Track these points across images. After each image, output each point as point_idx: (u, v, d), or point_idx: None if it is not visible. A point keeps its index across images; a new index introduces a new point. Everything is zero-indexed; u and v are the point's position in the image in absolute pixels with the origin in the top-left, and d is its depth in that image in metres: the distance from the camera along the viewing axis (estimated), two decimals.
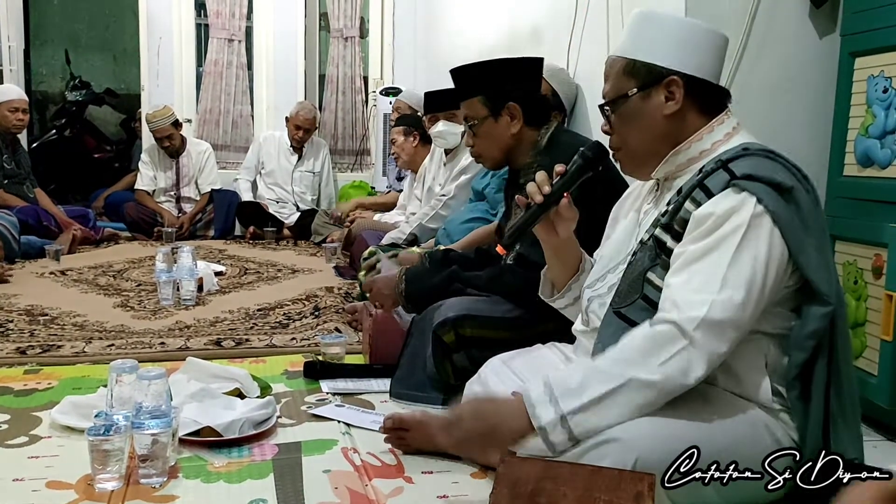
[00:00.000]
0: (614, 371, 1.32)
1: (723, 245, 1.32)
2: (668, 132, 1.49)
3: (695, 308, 1.30)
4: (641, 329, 1.36)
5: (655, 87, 1.47)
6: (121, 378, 1.69)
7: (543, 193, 1.51)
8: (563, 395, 1.31)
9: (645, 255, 1.46)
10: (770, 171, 1.36)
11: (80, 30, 8.51)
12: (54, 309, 3.24)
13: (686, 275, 1.34)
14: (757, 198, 1.33)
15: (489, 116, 2.18)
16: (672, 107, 1.47)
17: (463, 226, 3.19)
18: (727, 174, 1.37)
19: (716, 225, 1.34)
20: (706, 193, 1.38)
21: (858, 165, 2.14)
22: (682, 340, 1.30)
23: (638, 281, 1.44)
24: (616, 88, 1.52)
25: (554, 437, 1.31)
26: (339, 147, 6.55)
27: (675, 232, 1.41)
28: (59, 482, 1.63)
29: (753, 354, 1.41)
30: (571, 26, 3.11)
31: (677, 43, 1.48)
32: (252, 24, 6.41)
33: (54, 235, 4.79)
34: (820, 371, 1.37)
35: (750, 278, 1.31)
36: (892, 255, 1.94)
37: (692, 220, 1.38)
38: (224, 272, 4.10)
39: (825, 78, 2.32)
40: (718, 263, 1.32)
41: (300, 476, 1.67)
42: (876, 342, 1.98)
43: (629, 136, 1.52)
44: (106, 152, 7.68)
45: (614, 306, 1.47)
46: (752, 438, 1.36)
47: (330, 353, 2.52)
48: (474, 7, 4.59)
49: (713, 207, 1.35)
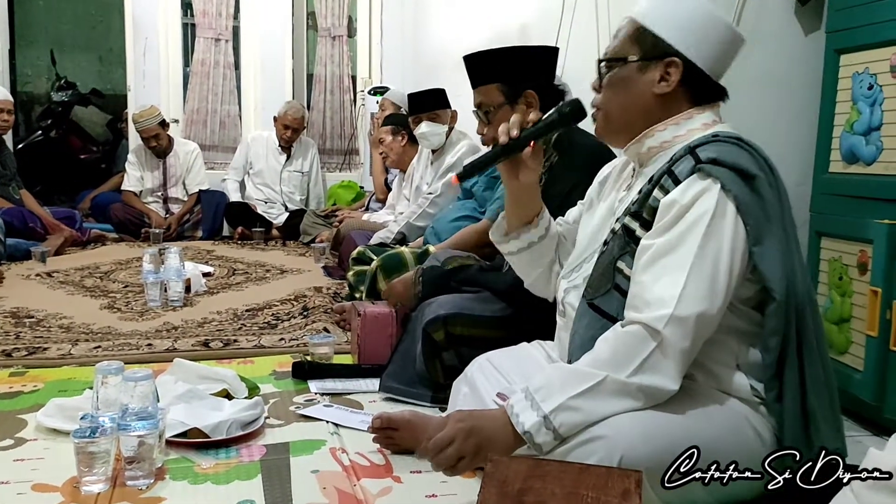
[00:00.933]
0: (590, 371, 1.33)
1: (688, 238, 1.33)
2: (651, 110, 1.47)
3: (663, 306, 1.30)
4: (612, 333, 1.37)
5: (655, 62, 1.45)
6: (106, 380, 1.68)
7: (511, 136, 1.52)
8: (543, 398, 1.33)
9: (615, 243, 1.46)
10: (735, 156, 1.36)
11: (65, 30, 8.46)
12: (40, 311, 3.22)
13: (653, 271, 1.34)
14: (721, 183, 1.33)
15: (505, 103, 2.17)
16: (664, 87, 1.45)
17: (451, 224, 3.19)
18: (693, 160, 1.37)
19: (680, 214, 1.34)
20: (673, 181, 1.38)
21: (844, 162, 2.16)
22: (651, 342, 1.31)
23: (609, 270, 1.44)
24: (618, 50, 1.50)
25: (539, 439, 1.32)
26: (327, 147, 6.54)
27: (644, 220, 1.41)
28: (45, 485, 1.62)
29: (724, 354, 1.41)
30: (559, 26, 3.12)
31: (692, 27, 1.45)
32: (239, 24, 6.39)
33: (40, 237, 4.76)
34: (791, 368, 1.36)
35: (714, 271, 1.32)
36: (876, 251, 1.95)
37: (660, 209, 1.38)
38: (212, 273, 4.09)
39: (811, 75, 2.33)
40: (684, 257, 1.32)
41: (288, 477, 1.67)
42: (861, 338, 2.00)
43: (613, 101, 1.51)
44: (92, 153, 7.63)
45: (587, 297, 1.47)
46: (734, 431, 1.36)
47: (318, 353, 2.51)
48: (462, 6, 4.59)
49: (678, 195, 1.35)
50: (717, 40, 1.46)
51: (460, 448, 1.36)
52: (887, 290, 1.91)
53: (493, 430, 1.36)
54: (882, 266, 1.92)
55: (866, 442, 1.94)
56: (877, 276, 1.94)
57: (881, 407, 1.94)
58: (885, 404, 1.93)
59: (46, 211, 5.10)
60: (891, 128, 1.99)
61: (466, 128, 3.65)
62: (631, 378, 1.31)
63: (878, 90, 2.03)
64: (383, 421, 1.79)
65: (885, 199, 1.98)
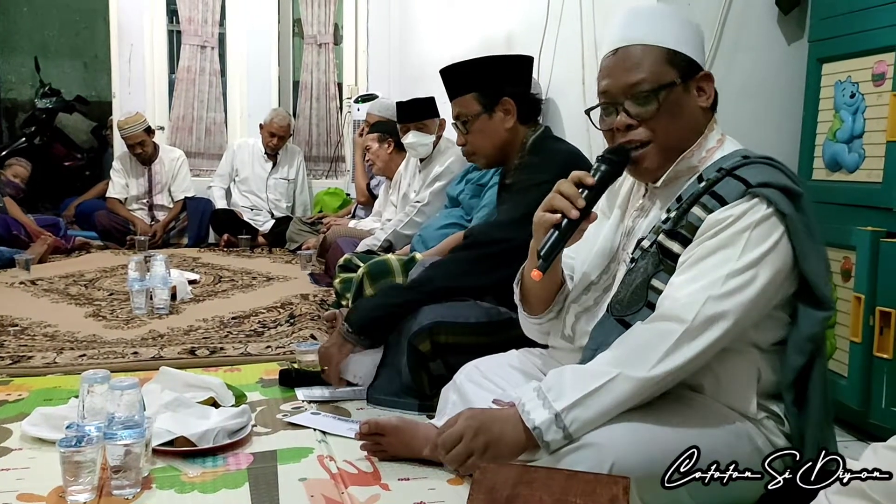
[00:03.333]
0: (604, 369, 1.33)
1: (732, 244, 1.33)
2: (701, 126, 1.47)
3: (692, 300, 1.31)
4: (633, 329, 1.36)
5: (690, 81, 1.45)
6: (92, 388, 1.68)
7: (579, 207, 1.40)
8: (556, 397, 1.32)
9: (648, 262, 1.43)
10: (778, 177, 1.37)
11: (49, 37, 8.41)
12: (24, 319, 3.20)
13: (691, 273, 1.35)
14: (770, 201, 1.34)
15: (483, 112, 2.18)
16: (705, 101, 1.47)
17: (438, 232, 3.19)
18: (741, 183, 1.36)
19: (730, 224, 1.35)
20: (718, 201, 1.37)
21: (827, 170, 2.18)
22: (676, 332, 1.30)
23: (642, 288, 1.42)
24: (657, 76, 1.43)
25: (549, 437, 1.31)
26: (313, 154, 6.53)
27: (683, 237, 1.40)
28: (31, 495, 1.61)
29: (746, 368, 1.41)
30: (543, 35, 3.13)
31: (698, 41, 1.49)
32: (225, 31, 6.37)
33: (24, 245, 4.72)
34: (817, 374, 1.38)
35: (753, 277, 1.32)
36: (860, 258, 1.97)
37: (707, 224, 1.37)
38: (198, 280, 4.07)
39: (793, 83, 2.35)
40: (725, 260, 1.32)
41: (276, 485, 1.66)
42: (845, 344, 2.01)
43: (671, 127, 1.44)
44: (77, 160, 7.59)
45: (616, 314, 1.44)
46: (731, 445, 1.35)
47: (305, 360, 2.50)
48: (448, 15, 4.61)
49: (732, 211, 1.35)
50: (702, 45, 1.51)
51: (469, 445, 1.36)
52: (870, 296, 1.93)
53: (503, 428, 1.36)
54: (865, 273, 1.94)
55: (852, 447, 1.96)
56: (860, 283, 1.96)
57: (866, 412, 1.96)
58: (870, 410, 1.94)
59: (30, 218, 5.07)
60: (873, 136, 2.01)
61: (454, 135, 3.65)
62: (650, 372, 1.30)
63: (861, 98, 2.06)
64: (371, 427, 1.79)
65: (868, 206, 2.00)
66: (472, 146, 2.26)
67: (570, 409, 1.31)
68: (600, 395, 1.31)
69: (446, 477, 1.70)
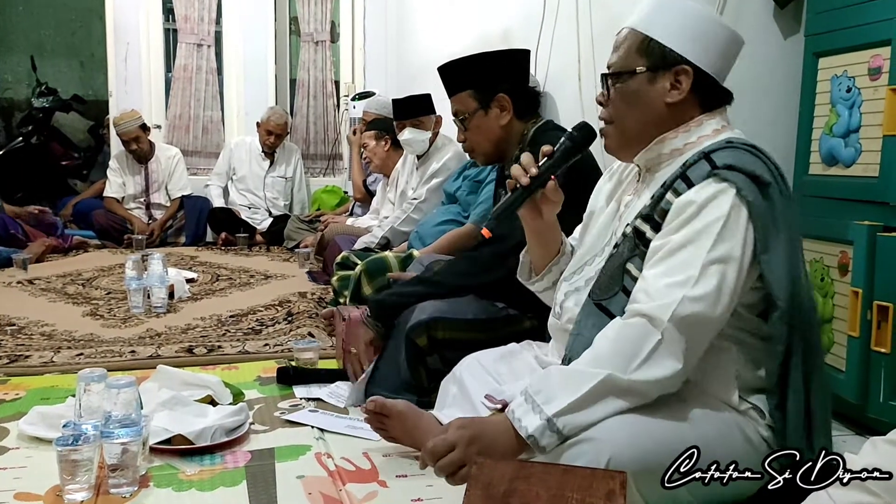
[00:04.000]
0: (591, 370, 1.32)
1: (701, 238, 1.33)
2: (664, 119, 1.47)
3: (667, 300, 1.30)
4: (613, 326, 1.36)
5: (664, 72, 1.45)
6: (89, 387, 1.68)
7: (530, 175, 1.49)
8: (545, 401, 1.32)
9: (625, 246, 1.45)
10: (750, 163, 1.37)
11: (45, 36, 8.39)
12: (22, 318, 3.19)
13: (662, 267, 1.34)
14: (737, 188, 1.34)
15: (479, 109, 2.19)
16: (675, 95, 1.46)
17: (435, 228, 3.19)
18: (708, 164, 1.37)
19: (694, 214, 1.34)
20: (687, 184, 1.38)
21: (823, 164, 2.18)
22: (654, 335, 1.30)
23: (618, 272, 1.44)
24: (625, 62, 1.48)
25: (544, 441, 1.31)
26: (311, 152, 6.52)
27: (655, 222, 1.41)
28: (28, 493, 1.61)
29: (724, 362, 1.41)
30: (540, 30, 3.13)
31: (696, 33, 1.46)
32: (221, 29, 6.35)
33: (21, 244, 4.72)
34: (796, 374, 1.37)
35: (721, 275, 1.32)
36: (857, 252, 1.97)
37: (672, 209, 1.38)
38: (196, 279, 4.07)
39: (790, 78, 2.35)
40: (695, 256, 1.32)
41: (273, 482, 1.66)
42: (843, 338, 2.01)
43: (626, 114, 1.49)
44: (74, 159, 7.57)
45: (594, 298, 1.46)
46: (724, 435, 1.36)
47: (303, 358, 2.50)
48: (445, 12, 4.60)
49: (694, 196, 1.35)
50: (719, 43, 1.48)
51: (462, 455, 1.34)
52: (868, 290, 1.93)
53: (495, 437, 1.35)
54: (862, 267, 1.94)
55: (850, 441, 1.96)
56: (857, 277, 1.96)
57: (864, 406, 1.96)
58: (868, 404, 1.94)
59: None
60: (869, 130, 2.01)
61: (452, 133, 3.65)
62: (634, 374, 1.30)
63: (857, 93, 2.05)
64: (377, 405, 1.77)
65: (865, 200, 2.00)
66: (470, 143, 2.28)
67: (562, 414, 1.30)
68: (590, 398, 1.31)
69: None
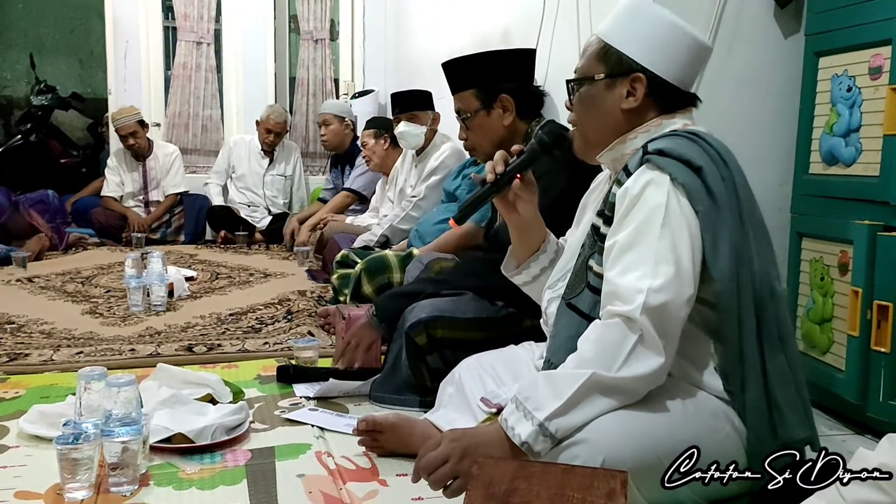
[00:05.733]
0: (575, 371, 1.34)
1: (648, 230, 1.35)
2: (621, 125, 1.51)
3: (635, 297, 1.32)
4: (594, 328, 1.37)
5: (621, 79, 1.49)
6: (89, 385, 1.67)
7: (496, 173, 1.54)
8: (535, 407, 1.33)
9: (587, 243, 1.50)
10: (683, 148, 1.39)
11: (44, 33, 8.38)
12: (21, 317, 3.19)
13: (620, 266, 1.36)
14: (668, 173, 1.36)
15: (482, 109, 2.19)
16: (631, 102, 1.49)
17: (435, 227, 3.19)
18: (642, 152, 1.41)
19: (633, 204, 1.37)
20: (627, 174, 1.42)
21: (824, 163, 2.17)
22: (631, 334, 1.31)
23: (582, 270, 1.48)
24: (585, 69, 1.55)
25: (538, 447, 1.32)
26: (310, 150, 6.51)
27: (606, 217, 1.45)
28: (28, 492, 1.60)
29: (699, 350, 1.43)
30: (539, 30, 3.12)
31: (654, 41, 1.48)
32: (221, 27, 6.34)
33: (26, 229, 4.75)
34: (751, 358, 1.37)
35: (676, 258, 1.34)
36: (857, 251, 1.97)
37: (617, 201, 1.41)
38: (195, 277, 4.07)
39: (790, 77, 2.35)
40: (646, 249, 1.34)
41: (274, 481, 1.66)
42: (843, 337, 2.02)
43: (585, 119, 1.56)
44: (72, 157, 7.56)
45: (565, 298, 1.50)
46: (714, 427, 1.38)
47: (303, 356, 2.50)
48: (444, 9, 4.60)
49: (630, 185, 1.39)
50: (681, 52, 1.49)
51: (455, 467, 1.35)
52: (868, 290, 1.93)
53: (489, 446, 1.36)
54: (862, 266, 1.94)
55: (850, 440, 1.96)
56: (857, 277, 1.96)
57: (864, 406, 1.96)
58: (868, 403, 1.94)
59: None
60: (869, 129, 2.01)
61: (450, 131, 3.66)
62: (619, 373, 1.31)
63: (857, 92, 2.05)
64: (368, 423, 1.79)
65: (865, 199, 2.00)
66: (472, 141, 2.27)
67: (553, 417, 1.31)
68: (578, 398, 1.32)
69: None
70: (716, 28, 2.35)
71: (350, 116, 5.12)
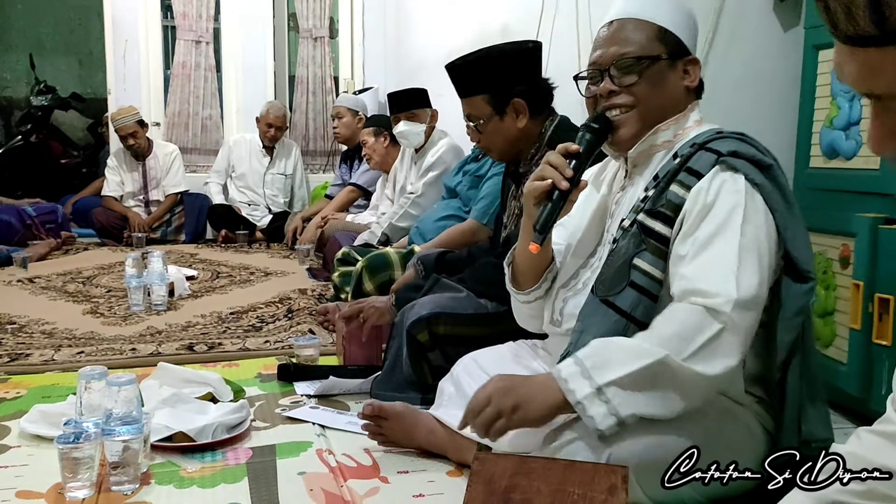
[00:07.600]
0: (650, 347, 1.28)
1: (727, 228, 1.33)
2: (681, 105, 1.52)
3: (725, 290, 1.29)
4: (670, 309, 1.33)
5: (679, 62, 1.51)
6: (90, 385, 1.67)
7: (567, 178, 1.43)
8: (595, 365, 1.28)
9: (629, 241, 1.43)
10: (749, 150, 1.40)
11: (44, 34, 8.38)
12: (22, 317, 3.19)
13: (699, 263, 1.33)
14: (744, 174, 1.36)
15: (494, 115, 2.13)
16: (690, 81, 1.51)
17: (436, 224, 3.18)
18: (712, 154, 1.39)
19: (710, 205, 1.35)
20: (695, 175, 1.39)
21: (824, 157, 2.17)
22: (716, 324, 1.27)
23: (624, 268, 1.42)
24: (644, 48, 1.48)
25: (593, 411, 1.26)
26: (310, 148, 6.50)
27: (665, 216, 1.40)
28: (29, 492, 1.60)
29: None
30: (538, 25, 3.12)
31: (691, 26, 1.53)
32: (220, 26, 6.34)
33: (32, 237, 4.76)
34: (797, 353, 1.38)
35: (759, 256, 1.33)
36: (859, 244, 1.96)
37: (688, 202, 1.38)
38: (196, 276, 4.07)
39: (790, 71, 2.34)
40: (729, 246, 1.32)
41: (275, 479, 1.66)
42: (845, 331, 2.01)
43: (650, 98, 1.49)
44: (73, 158, 7.56)
45: (600, 294, 1.43)
46: (723, 427, 1.37)
47: (303, 355, 2.50)
48: (444, 6, 4.59)
49: (705, 186, 1.37)
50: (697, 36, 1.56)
51: (498, 405, 1.32)
52: (869, 283, 1.92)
53: (533, 390, 1.32)
54: (864, 260, 1.94)
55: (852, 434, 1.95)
56: (859, 270, 1.96)
57: (866, 399, 1.95)
58: (870, 396, 1.94)
59: None
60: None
61: (448, 127, 3.65)
62: (689, 362, 1.26)
63: None
64: (374, 409, 1.77)
65: (866, 192, 2.00)
66: (485, 144, 2.22)
67: (613, 385, 1.26)
68: (645, 377, 1.26)
69: (445, 469, 1.70)
70: (716, 22, 2.35)
71: (363, 111, 5.11)
